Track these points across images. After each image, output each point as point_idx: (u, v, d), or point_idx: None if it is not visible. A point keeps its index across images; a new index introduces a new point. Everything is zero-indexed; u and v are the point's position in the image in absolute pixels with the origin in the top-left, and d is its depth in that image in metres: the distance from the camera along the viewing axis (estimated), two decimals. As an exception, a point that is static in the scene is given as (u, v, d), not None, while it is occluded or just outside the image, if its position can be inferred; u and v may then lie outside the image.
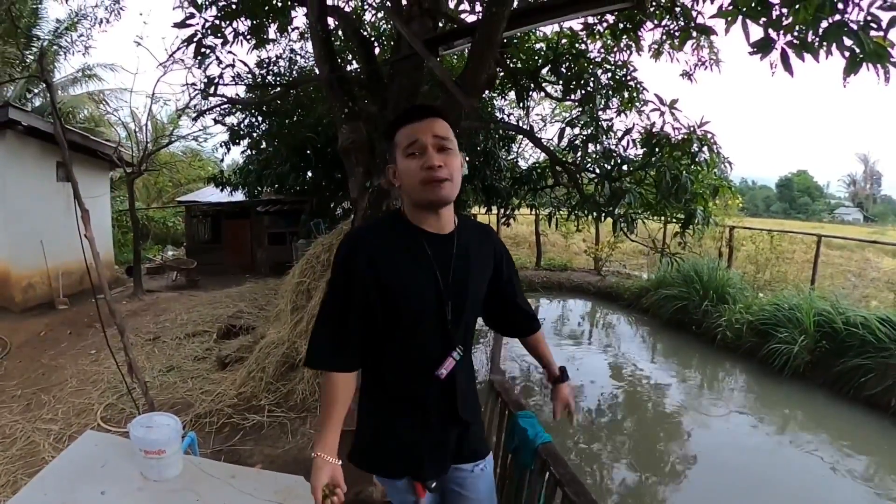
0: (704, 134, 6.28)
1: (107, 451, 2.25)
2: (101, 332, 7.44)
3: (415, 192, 1.58)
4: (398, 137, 1.61)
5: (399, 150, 1.59)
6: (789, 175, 68.99)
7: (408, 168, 1.57)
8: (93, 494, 1.95)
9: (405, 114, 1.64)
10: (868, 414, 6.17)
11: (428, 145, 1.56)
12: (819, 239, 10.04)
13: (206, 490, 2.09)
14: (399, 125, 1.62)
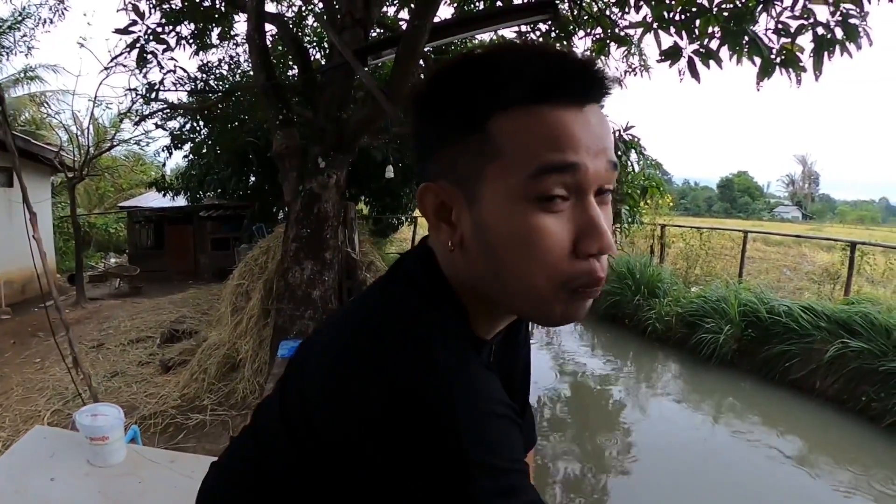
0: (632, 138, 6.64)
1: (55, 443, 2.38)
2: (45, 340, 7.42)
3: (525, 298, 0.66)
4: (509, 133, 0.61)
5: (507, 170, 0.61)
6: (730, 176, 71.25)
7: (526, 233, 0.61)
8: (43, 481, 2.07)
9: (547, 69, 0.60)
10: (794, 397, 6.54)
11: (593, 187, 0.62)
12: (745, 235, 10.58)
13: (148, 474, 2.22)
14: (514, 97, 0.60)
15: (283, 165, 4.69)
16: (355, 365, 0.65)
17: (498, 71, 0.61)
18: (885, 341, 6.25)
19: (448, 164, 0.66)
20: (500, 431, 0.61)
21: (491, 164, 0.62)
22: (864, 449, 5.46)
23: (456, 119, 0.64)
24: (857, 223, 48.27)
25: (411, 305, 0.68)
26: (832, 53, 3.89)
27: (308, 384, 0.73)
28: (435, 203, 0.68)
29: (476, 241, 0.65)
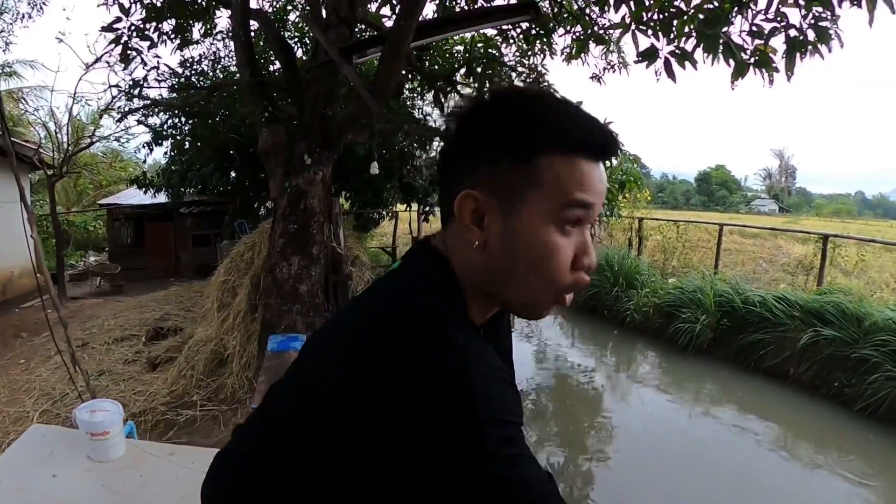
0: (610, 132, 6.76)
1: (53, 440, 2.43)
2: (28, 341, 7.40)
3: (525, 294, 0.84)
4: (554, 173, 0.78)
5: (546, 199, 0.79)
6: (707, 170, 72.02)
7: (552, 248, 0.80)
8: (45, 478, 2.11)
9: (588, 132, 0.80)
10: (769, 384, 6.70)
11: (592, 222, 0.84)
12: (721, 227, 10.79)
13: (148, 467, 2.28)
14: (564, 143, 0.79)
15: (269, 162, 4.75)
16: (377, 344, 0.78)
17: (554, 119, 0.80)
18: (857, 329, 6.43)
19: (492, 179, 0.80)
20: (503, 392, 0.76)
21: (534, 189, 0.78)
22: (838, 432, 5.63)
23: (511, 148, 0.80)
24: (832, 216, 49.09)
25: (425, 293, 0.83)
26: (804, 55, 4.02)
27: (328, 364, 0.86)
28: (472, 207, 0.81)
29: (503, 244, 0.81)
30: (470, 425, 0.72)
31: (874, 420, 5.57)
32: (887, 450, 5.24)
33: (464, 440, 0.72)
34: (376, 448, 0.77)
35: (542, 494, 0.80)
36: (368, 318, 0.84)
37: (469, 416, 0.72)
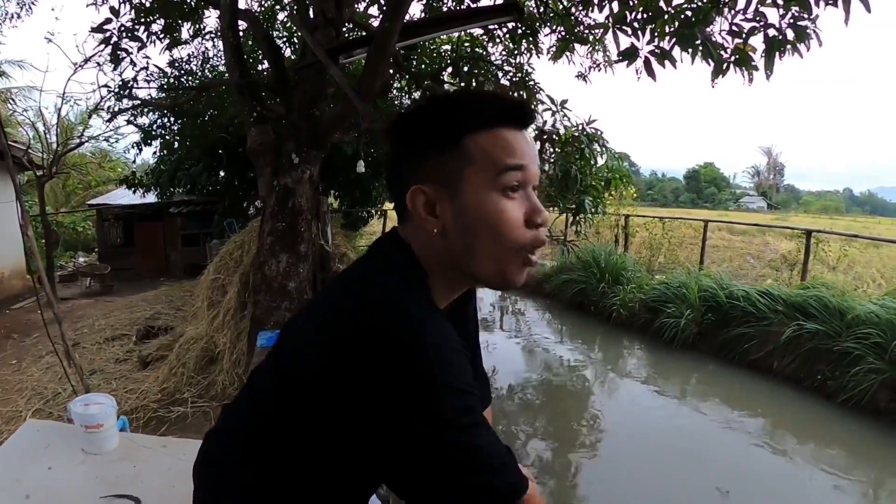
0: (595, 131, 6.86)
1: (49, 434, 2.48)
2: (20, 342, 7.43)
3: (489, 262, 0.92)
4: (479, 147, 0.89)
5: (479, 170, 0.89)
6: (696, 167, 72.38)
7: (499, 209, 0.89)
8: (41, 470, 2.17)
9: (498, 106, 0.92)
10: (753, 377, 6.79)
11: (532, 183, 0.93)
12: (705, 224, 10.94)
13: (141, 459, 2.34)
14: (481, 122, 0.90)
15: (257, 161, 4.81)
16: (345, 319, 0.87)
17: (467, 105, 0.93)
18: (839, 323, 6.53)
19: (433, 171, 0.91)
20: (459, 362, 0.85)
21: (468, 167, 0.89)
22: (820, 424, 5.71)
23: (439, 139, 0.91)
24: (821, 213, 49.40)
25: (388, 275, 0.92)
26: (783, 54, 4.12)
27: (304, 339, 0.96)
28: (423, 200, 0.92)
29: (456, 224, 0.91)
30: (429, 392, 0.81)
31: (856, 411, 5.65)
32: (869, 441, 5.33)
33: (423, 406, 0.81)
34: (344, 415, 0.86)
35: (502, 463, 0.90)
36: (339, 298, 0.95)
37: (428, 383, 0.80)
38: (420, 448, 0.83)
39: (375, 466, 0.91)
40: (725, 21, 4.31)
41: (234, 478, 1.08)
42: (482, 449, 0.87)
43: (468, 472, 0.86)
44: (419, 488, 0.88)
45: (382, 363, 0.81)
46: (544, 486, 4.68)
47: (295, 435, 0.96)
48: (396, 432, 0.83)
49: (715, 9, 4.16)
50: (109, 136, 13.13)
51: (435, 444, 0.83)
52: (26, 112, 14.66)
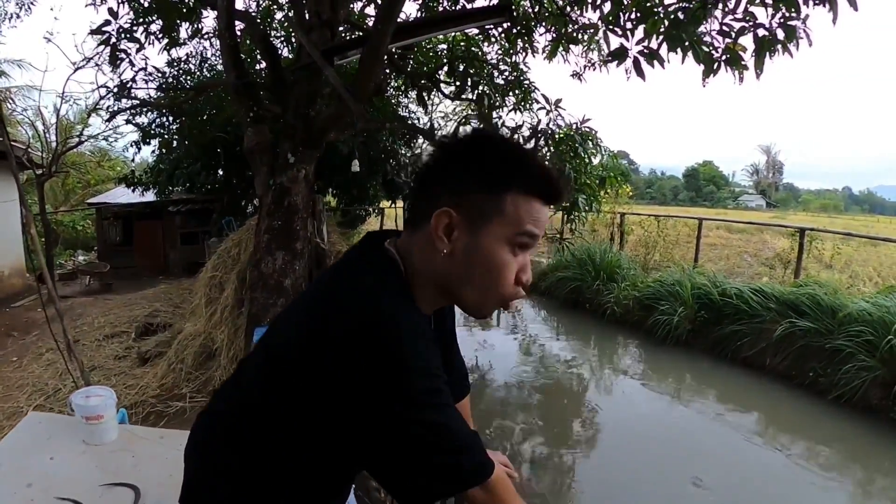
0: (589, 130, 6.93)
1: (50, 426, 2.56)
2: (20, 339, 7.50)
3: (474, 296, 1.07)
4: (515, 207, 1.02)
5: (505, 225, 1.02)
6: (695, 165, 72.47)
7: (502, 264, 1.04)
8: (43, 461, 2.24)
9: (545, 180, 1.04)
10: (746, 374, 6.85)
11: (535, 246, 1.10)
12: (700, 222, 11.01)
13: (140, 450, 2.41)
14: (526, 186, 1.02)
15: (254, 161, 4.88)
16: (328, 309, 0.99)
17: (522, 167, 1.02)
18: (831, 320, 6.58)
19: (467, 204, 1.01)
20: (428, 349, 0.97)
21: (497, 217, 1.01)
22: (811, 421, 5.76)
23: (486, 181, 1.01)
24: (820, 211, 49.52)
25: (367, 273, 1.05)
26: (773, 53, 4.18)
27: (291, 328, 1.08)
28: (446, 223, 1.02)
29: (465, 255, 1.02)
30: (399, 373, 0.91)
31: (847, 409, 5.71)
32: (858, 438, 5.39)
33: (394, 386, 0.91)
34: (322, 396, 0.96)
35: (468, 444, 1.01)
36: (323, 292, 1.08)
37: (399, 364, 0.91)
38: (390, 425, 0.93)
39: (351, 448, 1.00)
40: (716, 21, 4.38)
41: (221, 461, 1.17)
42: (449, 428, 0.98)
43: (436, 450, 0.97)
44: (391, 469, 0.98)
45: (359, 347, 0.92)
46: (539, 478, 4.76)
47: (278, 417, 1.05)
48: (369, 410, 0.93)
49: (703, 10, 4.21)
50: (108, 136, 13.18)
51: (404, 421, 0.93)
52: (26, 111, 14.74)
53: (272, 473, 1.11)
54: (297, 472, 1.11)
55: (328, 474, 1.15)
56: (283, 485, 1.12)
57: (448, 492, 1.03)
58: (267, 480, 1.12)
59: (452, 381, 1.22)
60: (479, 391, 6.60)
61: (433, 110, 12.86)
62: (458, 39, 7.64)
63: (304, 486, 1.14)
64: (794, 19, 4.09)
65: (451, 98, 8.37)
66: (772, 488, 4.56)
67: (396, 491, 1.02)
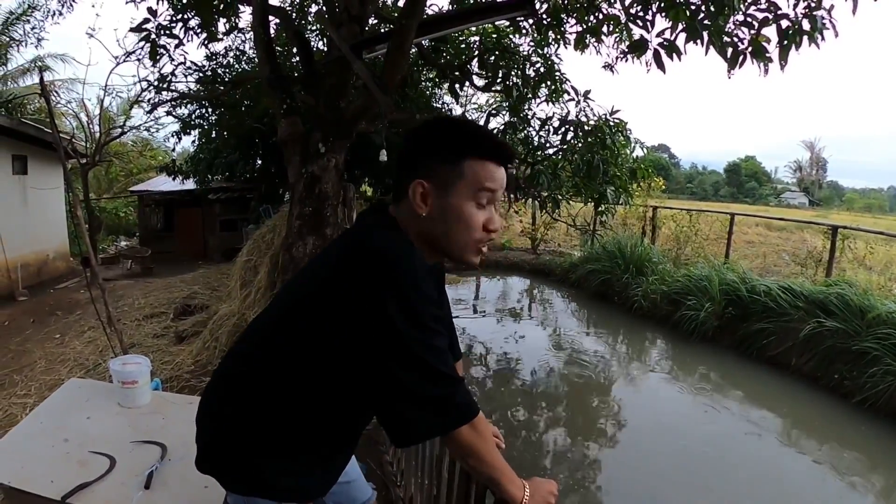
0: (619, 121, 6.97)
1: (89, 390, 2.79)
2: (63, 318, 7.83)
3: (457, 245, 1.30)
4: (472, 170, 1.26)
5: (467, 186, 1.26)
6: (737, 160, 71.09)
7: (469, 216, 1.27)
8: (80, 420, 2.46)
9: (493, 146, 1.31)
10: (771, 373, 6.81)
11: (496, 202, 1.33)
12: (732, 217, 10.92)
13: (170, 413, 2.62)
14: (478, 153, 1.27)
15: (287, 150, 5.07)
16: (350, 246, 1.28)
17: (474, 137, 1.30)
18: (859, 322, 6.50)
19: (435, 174, 1.28)
20: (432, 285, 1.23)
21: (460, 180, 1.27)
22: (835, 424, 5.71)
23: (447, 154, 1.28)
24: (864, 211, 48.19)
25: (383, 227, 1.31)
26: (799, 45, 4.18)
27: (321, 268, 1.34)
28: (420, 191, 1.28)
29: (439, 213, 1.28)
30: (410, 295, 1.14)
31: (871, 413, 5.63)
32: (882, 443, 5.32)
33: (405, 305, 1.13)
34: (339, 320, 1.16)
35: (459, 380, 1.22)
36: (343, 242, 1.38)
37: (411, 288, 1.14)
38: (398, 341, 1.13)
39: (361, 375, 1.18)
40: (739, 12, 4.38)
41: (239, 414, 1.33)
42: (445, 353, 1.20)
43: (433, 376, 1.16)
44: (392, 396, 1.16)
45: (378, 271, 1.15)
46: (560, 466, 4.87)
47: (297, 354, 1.25)
48: (382, 324, 1.12)
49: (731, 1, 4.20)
50: (150, 126, 13.55)
51: (408, 338, 1.13)
52: (70, 104, 15.21)
53: (289, 421, 1.29)
54: (313, 417, 1.29)
55: (341, 416, 1.33)
56: (300, 431, 1.30)
57: (441, 425, 1.21)
58: (284, 428, 1.29)
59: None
60: (507, 380, 6.74)
61: (467, 102, 12.97)
62: (490, 31, 7.71)
63: (318, 431, 1.32)
64: (819, 9, 4.09)
65: (481, 90, 8.47)
66: (793, 491, 4.57)
67: (396, 425, 1.18)
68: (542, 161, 7.00)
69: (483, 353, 7.62)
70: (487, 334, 8.39)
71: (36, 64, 15.16)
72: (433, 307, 1.19)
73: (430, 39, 6.62)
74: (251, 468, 1.30)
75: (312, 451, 1.34)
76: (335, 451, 1.42)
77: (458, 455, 1.32)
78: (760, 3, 4.31)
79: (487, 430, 1.29)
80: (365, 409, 1.34)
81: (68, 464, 2.12)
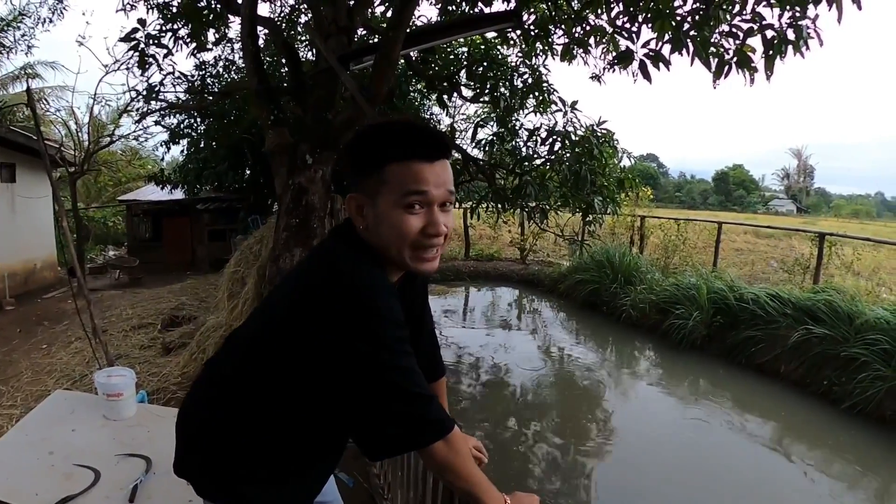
0: (606, 131, 7.00)
1: (74, 402, 2.79)
2: (50, 328, 7.79)
3: (395, 253, 1.23)
4: (394, 175, 1.19)
5: (391, 192, 1.20)
6: (725, 169, 71.58)
7: (402, 224, 1.20)
8: (66, 432, 2.46)
9: (414, 144, 1.22)
10: (760, 380, 6.87)
11: (436, 203, 1.22)
12: (719, 226, 11.02)
13: (155, 426, 2.62)
14: (397, 156, 1.20)
15: (274, 161, 5.06)
16: (315, 270, 1.26)
17: (391, 140, 1.22)
18: (847, 328, 6.55)
19: (363, 186, 1.24)
20: (397, 306, 1.17)
21: (383, 187, 1.20)
22: (827, 430, 5.74)
23: (367, 166, 1.23)
24: (851, 217, 48.63)
25: (346, 246, 1.26)
26: (784, 54, 4.22)
27: (283, 289, 1.37)
28: (355, 205, 1.26)
29: (374, 224, 1.24)
30: (372, 320, 1.12)
31: (861, 419, 5.68)
32: (871, 449, 5.37)
33: (367, 330, 1.11)
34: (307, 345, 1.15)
35: (431, 397, 1.19)
36: (311, 260, 1.38)
37: (372, 313, 1.12)
38: (365, 367, 1.12)
39: (331, 397, 1.18)
40: (724, 23, 4.43)
41: (216, 425, 1.34)
42: (416, 374, 1.17)
43: (405, 396, 1.14)
44: (365, 416, 1.15)
45: (340, 299, 1.13)
46: (551, 473, 4.91)
47: (270, 375, 1.25)
48: (346, 355, 1.12)
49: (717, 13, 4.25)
50: (139, 136, 13.52)
51: (377, 363, 1.12)
52: (59, 111, 15.17)
53: (264, 434, 1.28)
54: (288, 431, 1.29)
55: (315, 431, 1.32)
56: (275, 444, 1.29)
57: (414, 441, 1.20)
58: (260, 441, 1.29)
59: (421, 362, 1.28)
60: (496, 390, 6.75)
61: (456, 113, 13.01)
62: (478, 42, 7.75)
63: (294, 445, 1.31)
64: (803, 19, 4.14)
65: (469, 101, 8.50)
66: (784, 496, 4.60)
67: (368, 441, 1.18)
68: (529, 172, 7.02)
69: (472, 364, 7.63)
70: (476, 345, 8.39)
71: (26, 71, 15.13)
72: (396, 328, 1.15)
73: (418, 51, 6.64)
74: (226, 478, 1.31)
75: (288, 464, 1.33)
76: (312, 465, 1.40)
77: (435, 471, 1.33)
78: (745, 14, 4.36)
79: (463, 445, 1.26)
80: (340, 425, 1.32)
81: (53, 477, 2.13)
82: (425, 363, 1.42)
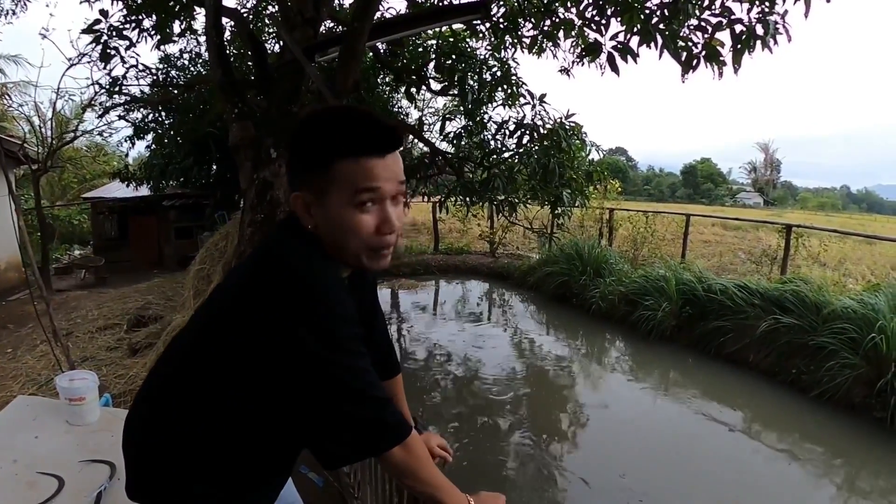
0: (574, 124, 7.02)
1: (37, 408, 2.70)
2: (14, 332, 7.60)
3: (350, 253, 1.17)
4: (343, 173, 1.11)
5: (341, 191, 1.12)
6: (693, 162, 72.52)
7: (355, 224, 1.13)
8: (28, 439, 2.37)
9: (364, 139, 1.13)
10: (730, 370, 6.94)
11: (388, 198, 1.16)
12: (687, 218, 11.11)
13: (119, 430, 2.45)
14: (346, 152, 1.11)
15: (239, 155, 4.97)
16: (263, 264, 1.15)
17: (338, 134, 1.12)
18: (815, 317, 6.64)
19: (310, 183, 1.15)
20: (349, 302, 1.12)
21: (332, 186, 1.12)
22: (796, 418, 5.82)
23: (314, 163, 1.14)
24: (817, 210, 49.62)
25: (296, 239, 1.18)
26: (752, 49, 4.26)
27: (232, 282, 1.25)
28: (301, 203, 1.17)
29: (324, 224, 1.16)
30: (324, 316, 1.06)
31: (830, 406, 5.77)
32: (841, 436, 5.46)
33: (319, 328, 1.05)
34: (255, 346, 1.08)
35: (388, 400, 1.16)
36: (260, 253, 1.22)
37: (325, 309, 1.06)
38: (318, 368, 1.06)
39: (283, 402, 1.11)
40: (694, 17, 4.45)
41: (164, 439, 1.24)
42: (369, 374, 1.12)
43: (357, 400, 1.09)
44: (319, 422, 1.10)
45: (285, 292, 1.06)
46: (521, 466, 4.89)
47: (216, 380, 1.16)
48: (295, 351, 1.05)
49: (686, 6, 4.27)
50: (103, 131, 13.24)
51: (326, 364, 1.06)
52: (22, 107, 14.80)
53: (214, 446, 1.20)
54: (238, 441, 1.20)
55: (267, 440, 1.22)
56: (227, 456, 1.21)
57: (371, 448, 1.15)
58: (209, 453, 1.20)
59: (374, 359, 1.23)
60: (466, 383, 6.73)
61: (424, 106, 12.94)
62: (446, 35, 7.70)
63: (246, 456, 1.23)
64: (772, 14, 4.18)
65: (437, 94, 8.45)
66: (753, 485, 4.62)
67: (322, 449, 1.12)
68: (498, 165, 7.00)
69: (443, 358, 7.60)
70: (447, 339, 8.37)
71: (-14, 65, 14.72)
72: (350, 326, 1.09)
73: (385, 43, 6.59)
74: (178, 494, 1.22)
75: (242, 475, 1.24)
76: (267, 475, 1.32)
77: (394, 476, 1.28)
78: (715, 8, 4.39)
79: (422, 448, 1.22)
80: (293, 433, 1.23)
81: (16, 486, 2.06)
82: (378, 360, 1.43)
